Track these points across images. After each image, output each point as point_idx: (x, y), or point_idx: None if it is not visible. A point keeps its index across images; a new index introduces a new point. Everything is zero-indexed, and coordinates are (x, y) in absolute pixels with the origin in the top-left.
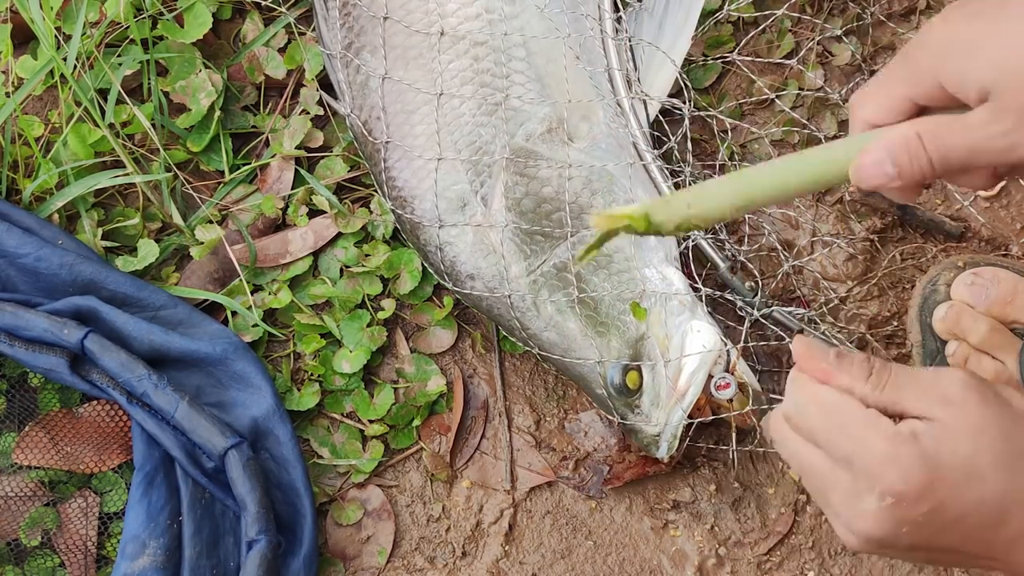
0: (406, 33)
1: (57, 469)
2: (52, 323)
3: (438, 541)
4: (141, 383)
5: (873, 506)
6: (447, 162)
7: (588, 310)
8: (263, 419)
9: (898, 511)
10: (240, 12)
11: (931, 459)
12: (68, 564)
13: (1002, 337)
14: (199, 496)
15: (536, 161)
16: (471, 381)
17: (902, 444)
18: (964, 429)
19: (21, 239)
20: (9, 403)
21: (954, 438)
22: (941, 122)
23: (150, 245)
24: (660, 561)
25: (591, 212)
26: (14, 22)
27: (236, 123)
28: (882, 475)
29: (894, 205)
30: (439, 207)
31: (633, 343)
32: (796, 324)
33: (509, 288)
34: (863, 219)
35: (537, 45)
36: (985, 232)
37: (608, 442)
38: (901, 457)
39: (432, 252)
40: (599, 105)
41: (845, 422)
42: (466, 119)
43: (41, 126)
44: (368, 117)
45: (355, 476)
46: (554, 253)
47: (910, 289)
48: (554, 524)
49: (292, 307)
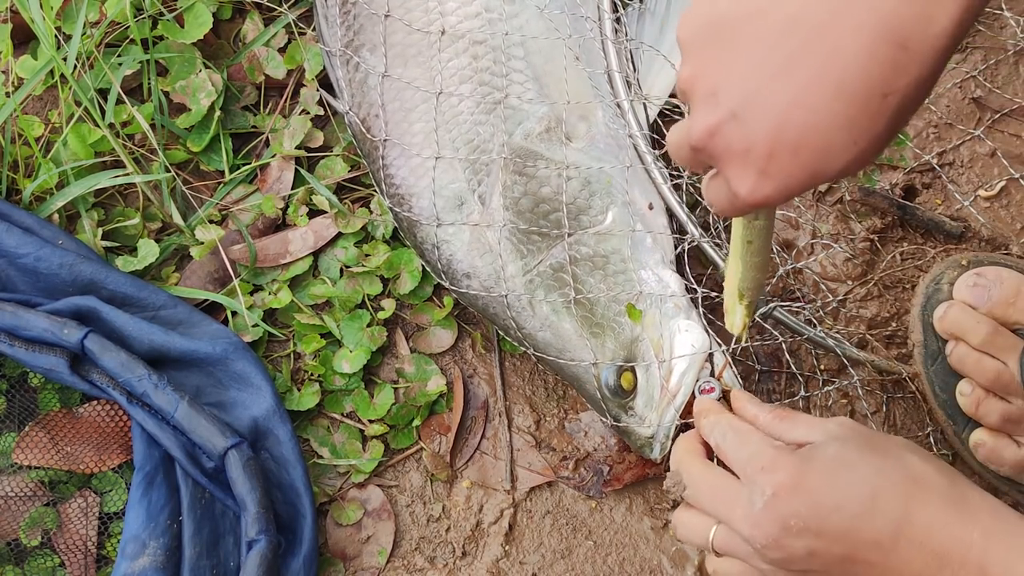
0: (405, 31)
1: (57, 469)
2: (52, 323)
3: (438, 541)
4: (141, 383)
5: (760, 503)
6: (445, 160)
7: (584, 311)
8: (263, 419)
9: (780, 503)
10: (240, 12)
11: (805, 458)
12: (68, 564)
13: (1004, 339)
14: (199, 496)
15: (534, 161)
16: (471, 381)
17: (783, 452)
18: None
19: (21, 239)
20: (9, 403)
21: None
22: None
23: (150, 245)
24: (660, 561)
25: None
26: (14, 22)
27: (236, 123)
28: (766, 476)
29: (894, 205)
30: (437, 205)
31: (628, 344)
32: (796, 323)
33: (505, 288)
34: (863, 219)
35: (536, 44)
36: (985, 232)
37: (608, 442)
38: (780, 460)
39: (429, 250)
40: (598, 105)
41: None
42: (464, 117)
43: (41, 126)
44: (367, 115)
45: (355, 476)
46: (551, 253)
47: (910, 289)
48: (554, 524)
49: (292, 307)
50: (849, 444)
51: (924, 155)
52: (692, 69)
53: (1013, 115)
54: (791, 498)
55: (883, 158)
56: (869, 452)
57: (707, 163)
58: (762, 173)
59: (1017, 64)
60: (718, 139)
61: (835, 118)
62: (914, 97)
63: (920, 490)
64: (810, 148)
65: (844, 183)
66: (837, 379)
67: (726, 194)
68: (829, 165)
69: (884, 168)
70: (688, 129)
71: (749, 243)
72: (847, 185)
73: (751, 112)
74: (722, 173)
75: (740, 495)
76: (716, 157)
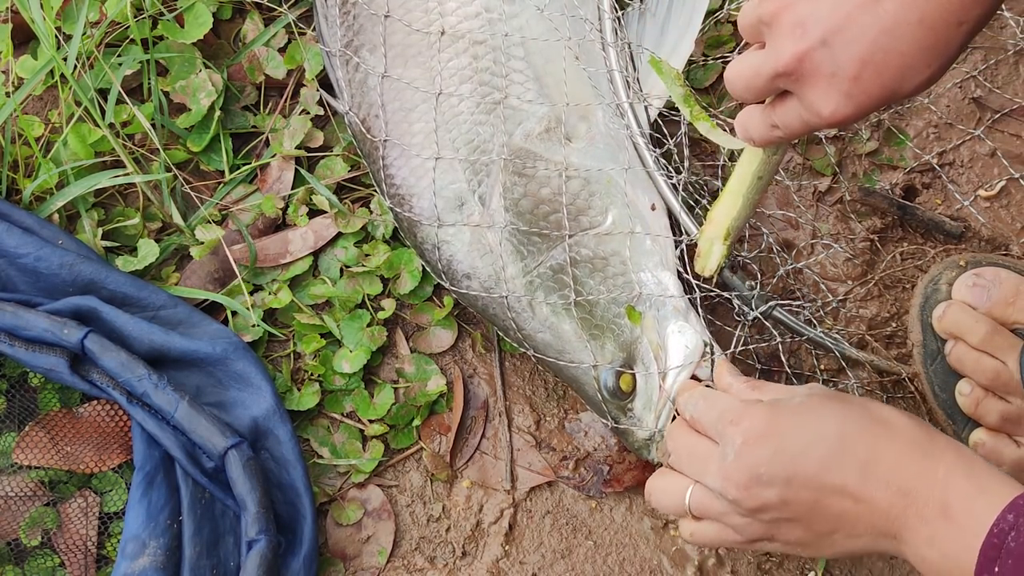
0: (405, 31)
1: (57, 469)
2: (52, 323)
3: (438, 541)
4: (141, 383)
5: (731, 454)
6: (445, 160)
7: (583, 312)
8: (263, 419)
9: (750, 450)
10: (240, 12)
11: (768, 407)
12: (68, 564)
13: (1003, 339)
14: (199, 496)
15: (535, 161)
16: (471, 381)
17: (747, 404)
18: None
19: (21, 239)
20: (9, 403)
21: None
22: None
23: (150, 245)
24: (660, 561)
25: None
26: (14, 22)
27: (236, 123)
28: (733, 427)
29: (894, 205)
30: (437, 206)
31: (627, 346)
32: (796, 323)
33: (506, 288)
34: (863, 219)
35: (536, 45)
36: (985, 232)
37: (608, 442)
38: (747, 410)
39: (429, 250)
40: (598, 106)
41: (718, 404)
42: (464, 118)
43: (41, 126)
44: (367, 115)
45: (355, 476)
46: (551, 254)
47: (910, 289)
48: (554, 524)
49: (292, 307)
50: (814, 395)
51: (924, 155)
52: (775, 4)
53: (1013, 115)
54: (760, 445)
55: (883, 158)
56: (835, 400)
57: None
58: (846, 94)
59: (1017, 64)
60: (806, 63)
61: (917, 44)
62: (982, 25)
63: (886, 431)
64: (892, 71)
65: (844, 183)
66: (837, 379)
67: (801, 116)
68: (905, 85)
69: (884, 168)
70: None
71: (759, 179)
72: (847, 185)
73: (840, 39)
74: (802, 97)
75: (713, 452)
76: (801, 80)
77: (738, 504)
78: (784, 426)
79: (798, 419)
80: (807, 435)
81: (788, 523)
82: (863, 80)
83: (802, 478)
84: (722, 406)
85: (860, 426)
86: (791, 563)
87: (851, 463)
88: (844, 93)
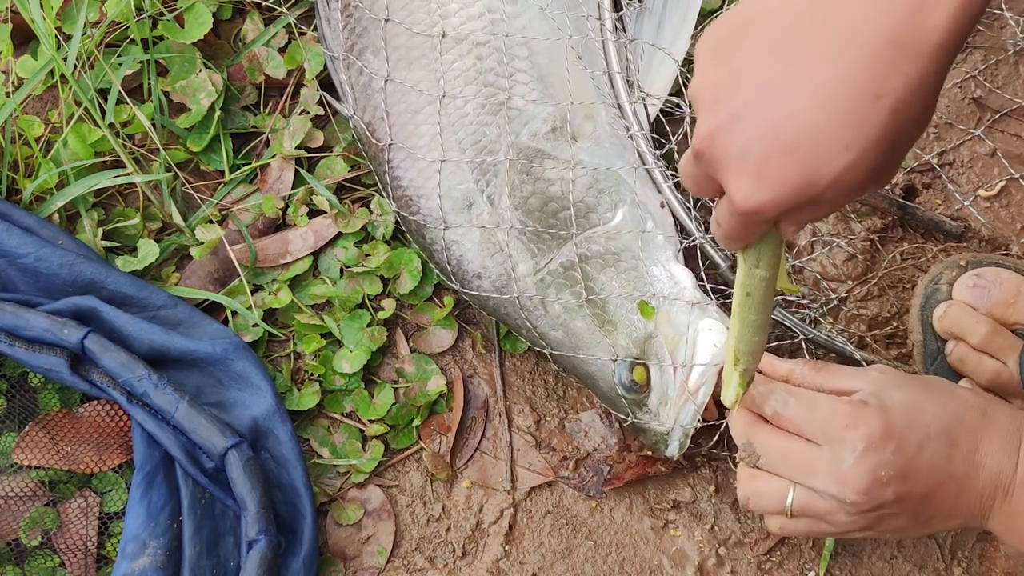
0: (408, 34)
1: (57, 469)
2: (52, 323)
3: (438, 541)
4: (141, 383)
5: (851, 459)
6: (453, 162)
7: (596, 309)
8: (263, 419)
9: (872, 455)
10: (240, 12)
11: (880, 408)
12: (68, 564)
13: (1003, 339)
14: (199, 496)
15: (541, 160)
16: (471, 381)
17: (857, 406)
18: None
19: (21, 239)
20: (9, 403)
21: (887, 390)
22: None
23: (150, 245)
24: (660, 561)
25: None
26: (14, 22)
27: (236, 123)
28: (851, 432)
29: (894, 205)
30: (445, 207)
31: (641, 342)
32: (796, 323)
33: (516, 288)
34: (863, 219)
35: (539, 45)
36: (985, 232)
37: (608, 442)
38: (860, 414)
39: (438, 252)
40: (601, 104)
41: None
42: (470, 119)
43: (41, 126)
44: (372, 118)
45: (355, 476)
46: (561, 252)
47: (910, 289)
48: (554, 524)
49: (292, 307)
50: (906, 388)
51: (924, 155)
52: (699, 79)
53: (1013, 115)
54: (880, 450)
55: None
56: (929, 392)
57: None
58: (757, 176)
59: (1017, 64)
60: (717, 143)
61: (828, 119)
62: (910, 102)
63: (988, 422)
64: (803, 150)
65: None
66: None
67: (726, 207)
68: (821, 170)
69: None
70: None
71: (748, 295)
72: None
73: (749, 113)
74: (721, 182)
75: (820, 456)
76: (715, 162)
77: (856, 506)
78: (897, 427)
79: (908, 419)
80: (919, 435)
81: (894, 516)
82: (773, 160)
83: (917, 474)
84: (826, 408)
85: (961, 418)
86: (791, 563)
87: (958, 455)
88: (754, 175)
